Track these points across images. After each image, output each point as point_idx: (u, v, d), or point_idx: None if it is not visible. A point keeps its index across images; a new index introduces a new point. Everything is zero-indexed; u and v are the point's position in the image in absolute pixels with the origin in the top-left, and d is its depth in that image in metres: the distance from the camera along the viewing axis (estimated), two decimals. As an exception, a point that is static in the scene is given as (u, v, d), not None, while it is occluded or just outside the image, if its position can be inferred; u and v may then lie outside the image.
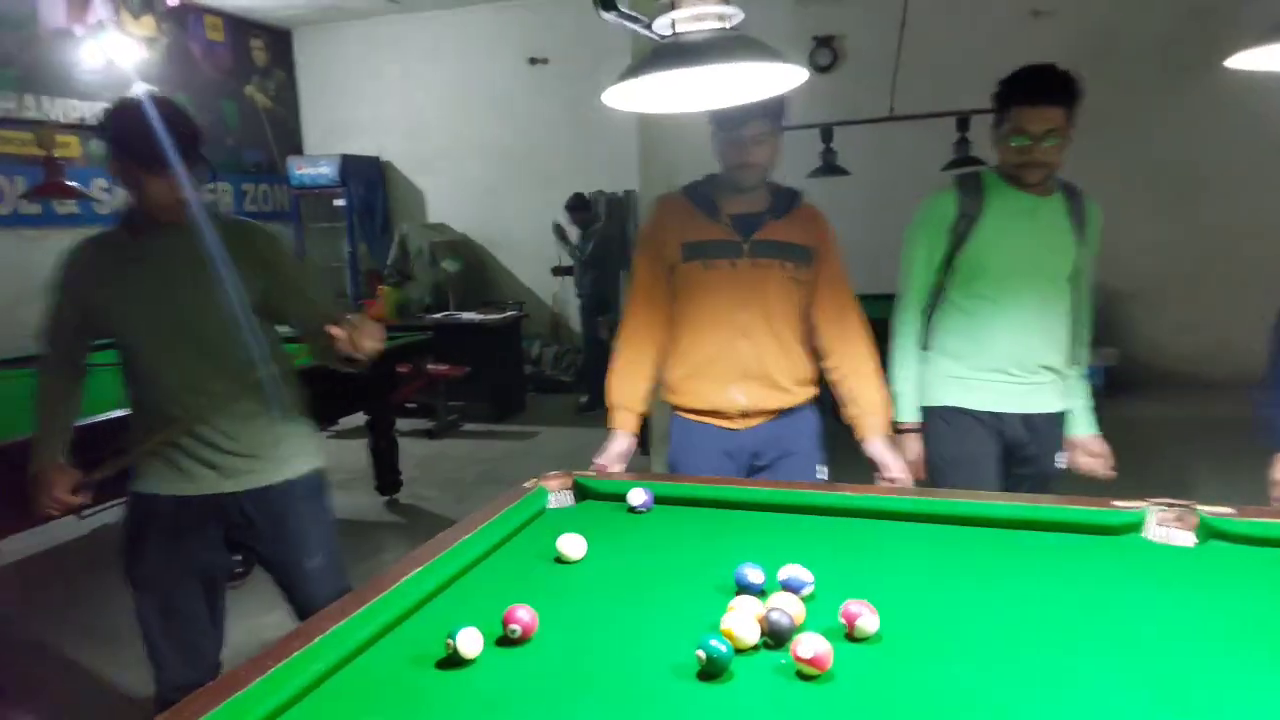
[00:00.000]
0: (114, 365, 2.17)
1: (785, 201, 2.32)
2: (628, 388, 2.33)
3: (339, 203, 8.59)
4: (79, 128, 6.74)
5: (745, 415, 2.33)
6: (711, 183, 2.34)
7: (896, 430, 2.41)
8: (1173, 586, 1.41)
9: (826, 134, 5.65)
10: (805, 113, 4.28)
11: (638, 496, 1.85)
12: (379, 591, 1.39)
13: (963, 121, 5.33)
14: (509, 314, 7.58)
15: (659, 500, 1.87)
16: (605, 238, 7.44)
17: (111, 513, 2.62)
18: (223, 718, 1.06)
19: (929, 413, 2.44)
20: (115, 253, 2.07)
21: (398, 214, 8.99)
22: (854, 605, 1.26)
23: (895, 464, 2.29)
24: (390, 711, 1.13)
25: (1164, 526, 1.61)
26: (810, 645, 1.15)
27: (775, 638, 1.23)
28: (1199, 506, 1.61)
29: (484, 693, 1.16)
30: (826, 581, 1.41)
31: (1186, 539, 1.58)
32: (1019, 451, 2.42)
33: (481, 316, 7.36)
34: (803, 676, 1.16)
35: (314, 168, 8.54)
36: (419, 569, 1.49)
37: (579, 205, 7.47)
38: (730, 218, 2.28)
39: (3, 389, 3.64)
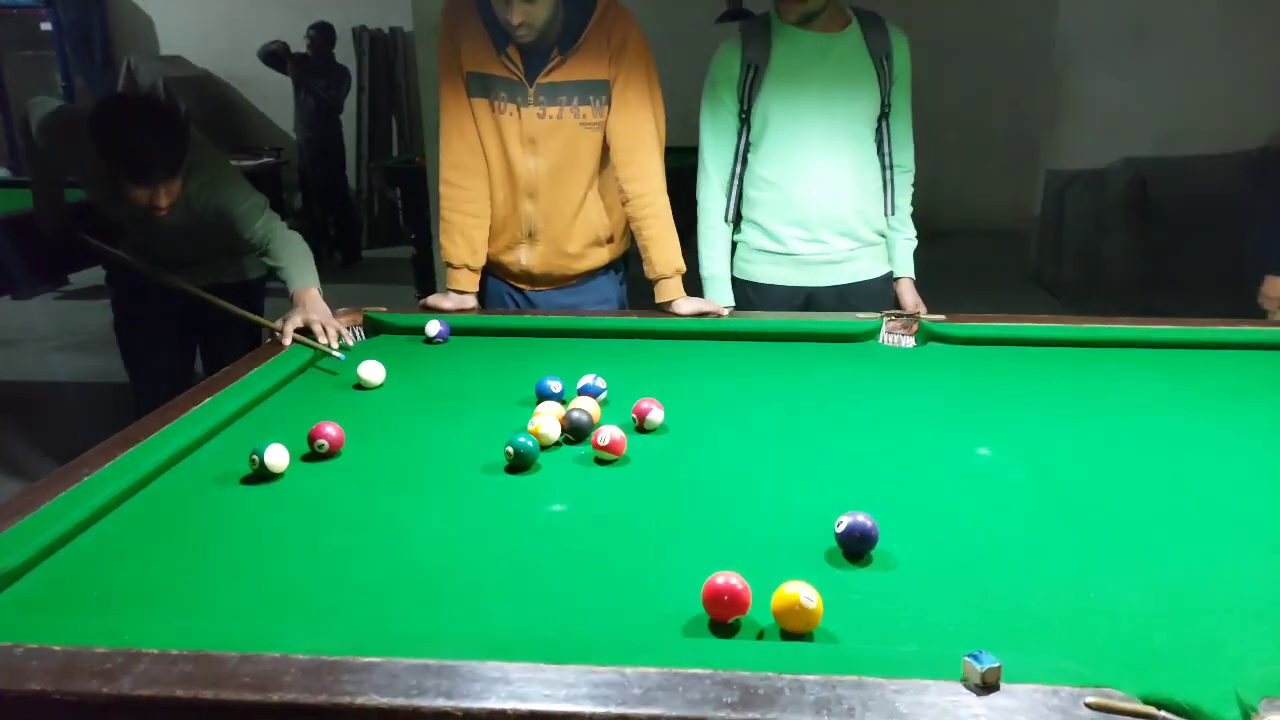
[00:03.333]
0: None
1: (579, 18, 1.97)
2: (460, 241, 2.08)
3: (45, 26, 7.30)
4: None
5: (533, 280, 2.18)
6: None
7: None
8: (901, 376, 1.70)
9: None
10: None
11: (434, 327, 1.88)
12: (176, 415, 1.36)
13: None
14: (265, 161, 6.95)
15: (455, 333, 1.91)
16: (330, 109, 6.66)
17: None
18: (12, 541, 1.02)
19: (738, 285, 2.23)
20: None
21: (122, 44, 7.79)
22: (644, 402, 1.41)
23: (697, 309, 2.05)
24: (199, 525, 1.14)
25: (893, 334, 1.90)
26: (607, 434, 1.29)
27: (575, 433, 1.36)
28: (921, 315, 1.91)
29: (295, 503, 1.20)
30: (619, 389, 1.55)
31: (910, 342, 1.88)
32: None
33: (232, 163, 6.70)
34: (600, 462, 1.30)
35: (6, -20, 7.16)
36: (211, 398, 1.45)
37: (275, 59, 6.37)
38: (515, 51, 1.98)
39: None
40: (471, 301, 2.10)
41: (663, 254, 2.03)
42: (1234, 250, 3.22)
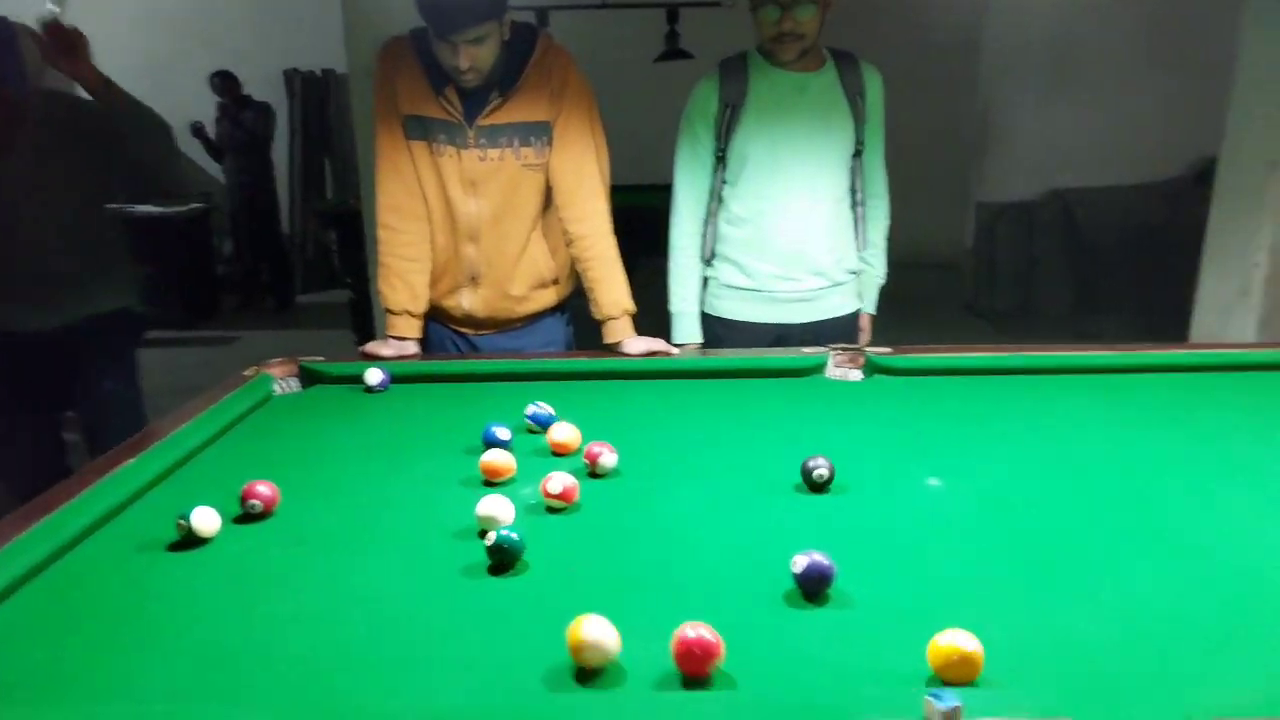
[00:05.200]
0: None
1: (517, 59, 1.94)
2: (399, 286, 2.01)
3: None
4: None
5: (476, 324, 2.13)
6: None
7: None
8: (849, 409, 1.70)
9: (671, 15, 5.31)
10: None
11: (374, 376, 1.82)
12: (94, 479, 1.28)
13: (672, 13, 5.44)
14: (194, 207, 6.79)
15: (396, 381, 1.86)
16: (259, 145, 6.60)
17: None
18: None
19: (708, 321, 2.22)
20: None
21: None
22: (595, 446, 1.37)
23: (647, 348, 2.00)
24: (119, 599, 1.06)
25: (840, 367, 1.90)
26: (559, 481, 1.24)
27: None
28: (866, 349, 1.92)
29: (225, 570, 1.13)
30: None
31: (857, 375, 1.88)
32: None
33: (160, 210, 6.53)
34: (552, 510, 1.26)
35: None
36: (134, 459, 1.37)
37: (201, 134, 6.30)
38: (455, 93, 1.94)
39: None
40: (413, 348, 2.03)
41: (609, 294, 2.00)
42: (1156, 275, 3.35)
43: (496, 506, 1.17)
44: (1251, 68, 3.20)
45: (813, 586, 1.03)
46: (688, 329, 2.22)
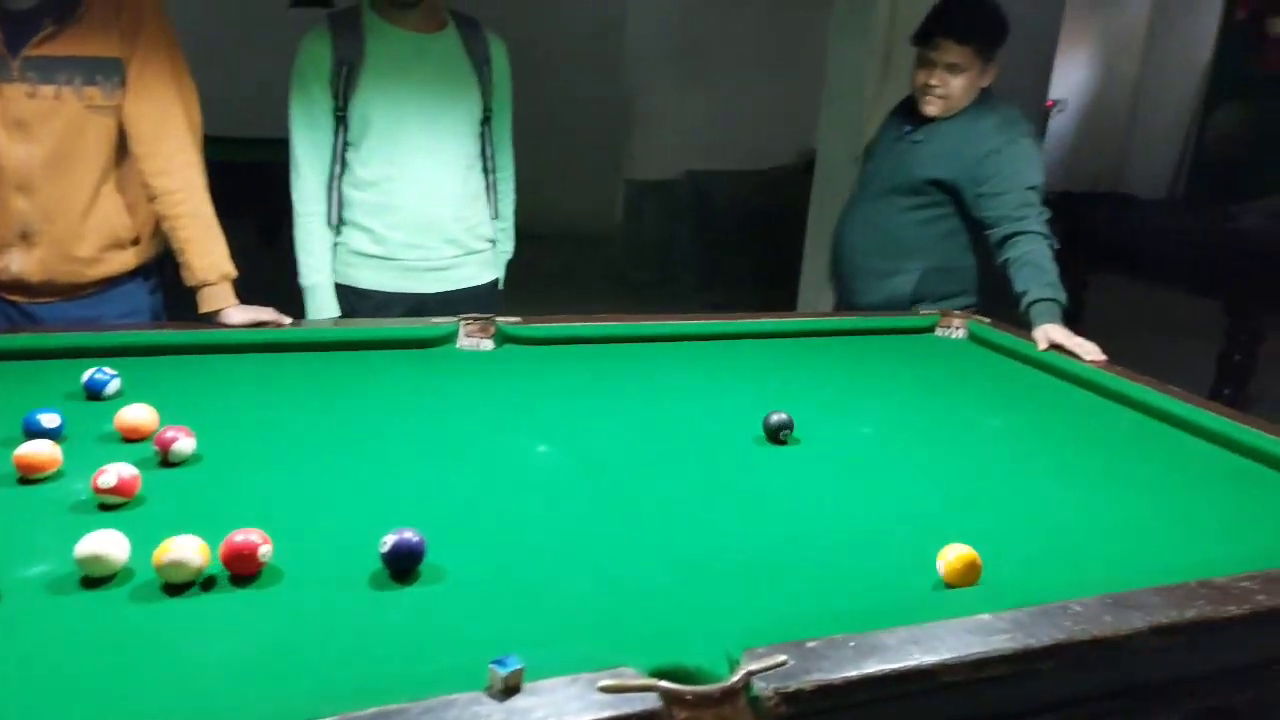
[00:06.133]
0: None
1: None
2: None
3: None
4: None
5: (31, 291, 1.79)
6: None
7: None
8: (475, 381, 1.69)
9: None
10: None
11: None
12: None
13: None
14: None
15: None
16: None
17: None
18: None
19: (341, 291, 2.12)
20: None
21: None
22: (169, 430, 1.22)
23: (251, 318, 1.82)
24: None
25: (471, 337, 1.89)
26: (113, 472, 1.08)
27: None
28: (498, 319, 1.93)
29: None
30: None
31: (488, 345, 1.88)
32: None
33: None
34: (106, 508, 1.09)
35: None
36: None
37: None
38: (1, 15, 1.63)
39: None
40: None
41: (204, 258, 1.79)
42: (772, 253, 3.78)
43: (105, 544, 0.96)
44: (837, 74, 3.71)
45: (401, 564, 1.01)
46: (322, 302, 2.09)
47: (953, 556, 1.06)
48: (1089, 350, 1.90)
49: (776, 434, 1.47)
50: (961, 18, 2.18)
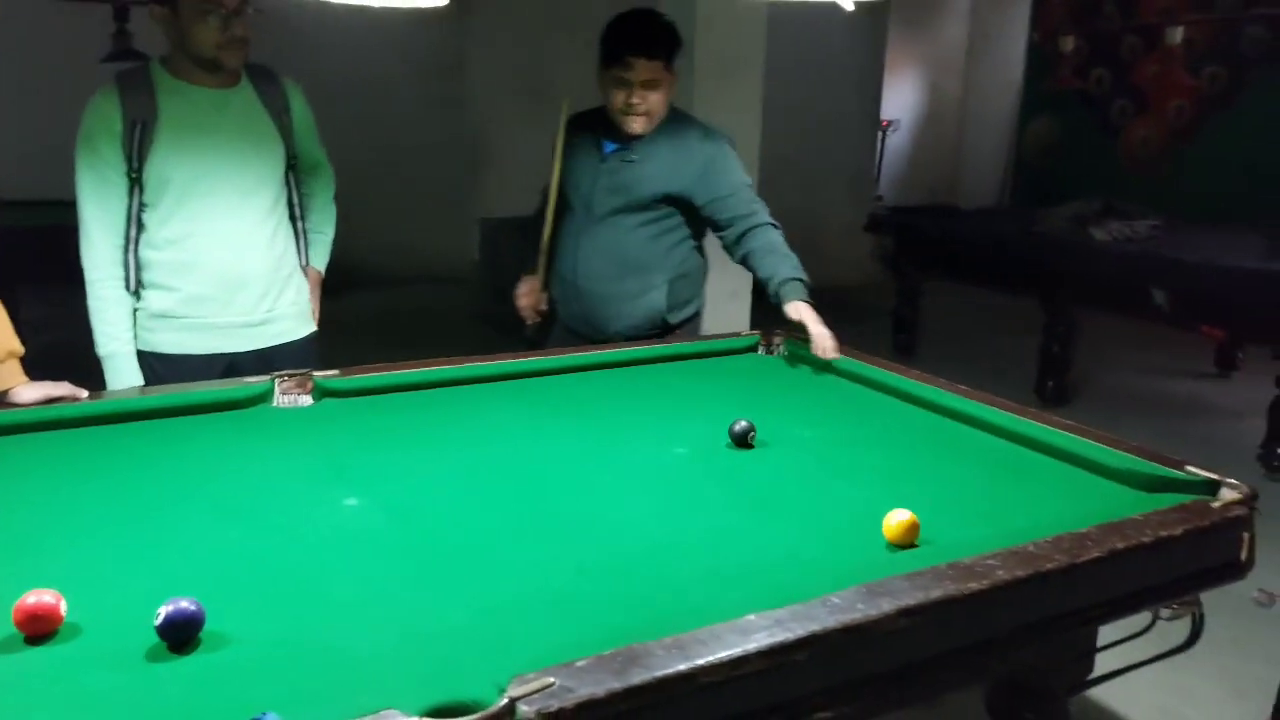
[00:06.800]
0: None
1: None
2: None
3: None
4: None
5: None
6: None
7: None
8: (289, 440, 1.66)
9: (120, 13, 4.68)
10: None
11: None
12: None
13: (121, 11, 4.86)
14: None
15: None
16: None
17: None
18: None
19: (143, 358, 2.04)
20: None
21: None
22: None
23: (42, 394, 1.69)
24: None
25: (288, 395, 1.86)
26: None
27: None
28: (315, 373, 1.90)
29: None
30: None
31: (307, 400, 1.86)
32: None
33: None
34: None
35: None
36: None
37: None
38: None
39: None
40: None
41: None
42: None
43: None
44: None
45: (177, 635, 0.99)
46: (123, 371, 2.01)
47: (894, 522, 1.27)
48: (827, 347, 2.09)
49: (744, 439, 1.63)
50: (648, 34, 2.25)
